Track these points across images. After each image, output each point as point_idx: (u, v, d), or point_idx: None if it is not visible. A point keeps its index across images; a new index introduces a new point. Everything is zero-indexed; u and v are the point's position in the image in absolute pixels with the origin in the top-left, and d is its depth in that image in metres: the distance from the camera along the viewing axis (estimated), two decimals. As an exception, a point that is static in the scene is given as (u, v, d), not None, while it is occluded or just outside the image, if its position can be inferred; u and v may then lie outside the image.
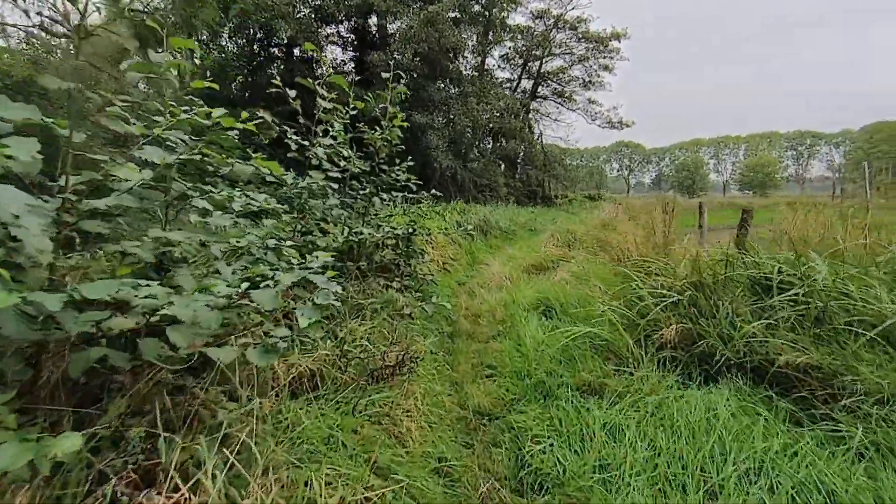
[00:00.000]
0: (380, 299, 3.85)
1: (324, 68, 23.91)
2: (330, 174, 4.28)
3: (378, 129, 4.91)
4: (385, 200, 4.78)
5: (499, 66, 29.85)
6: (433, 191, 5.38)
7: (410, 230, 4.91)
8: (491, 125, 24.16)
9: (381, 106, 4.96)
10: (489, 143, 27.13)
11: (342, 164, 4.47)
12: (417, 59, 19.51)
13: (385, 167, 5.08)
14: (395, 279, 4.83)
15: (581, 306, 4.33)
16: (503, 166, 28.09)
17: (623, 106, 41.47)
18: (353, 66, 23.47)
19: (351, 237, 4.23)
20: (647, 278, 3.83)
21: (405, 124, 4.91)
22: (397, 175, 5.08)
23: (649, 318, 3.22)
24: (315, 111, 4.07)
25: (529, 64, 29.20)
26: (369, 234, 4.27)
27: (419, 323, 4.07)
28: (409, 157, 5.42)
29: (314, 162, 4.09)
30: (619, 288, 4.28)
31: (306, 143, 3.98)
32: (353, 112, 4.71)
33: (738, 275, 3.40)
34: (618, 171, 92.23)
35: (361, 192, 4.61)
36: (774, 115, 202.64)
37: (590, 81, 29.32)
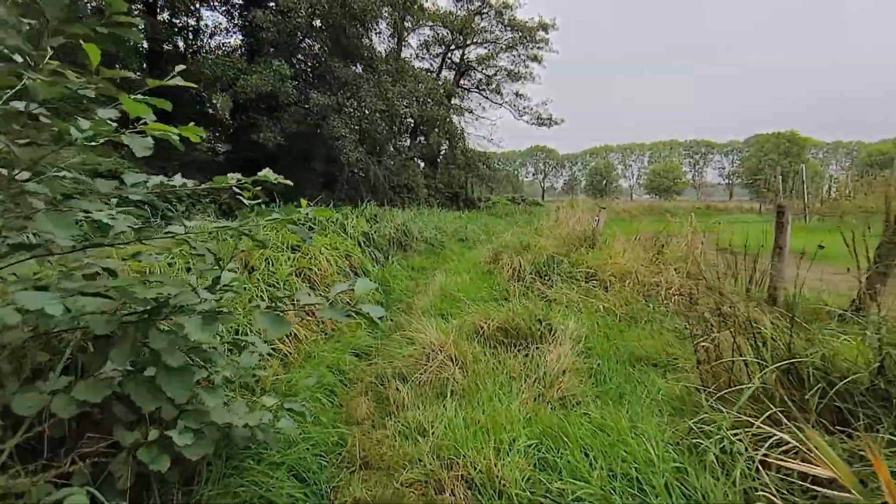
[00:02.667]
0: None
1: (204, 39, 19.21)
2: None
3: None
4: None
5: (417, 56, 26.51)
6: (272, 178, 1.90)
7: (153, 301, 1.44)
8: (410, 118, 20.77)
9: None
10: (407, 140, 23.76)
11: None
12: (320, 25, 15.71)
13: (84, 91, 1.57)
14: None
15: None
16: (423, 165, 24.78)
17: (552, 101, 39.70)
18: (241, 37, 18.87)
19: None
20: None
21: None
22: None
23: None
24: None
25: (452, 51, 26.21)
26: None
27: None
28: (311, 150, 1.98)
29: None
30: None
31: None
32: None
33: None
34: (532, 175, 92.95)
35: None
36: (674, 124, 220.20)
37: (517, 73, 26.72)
